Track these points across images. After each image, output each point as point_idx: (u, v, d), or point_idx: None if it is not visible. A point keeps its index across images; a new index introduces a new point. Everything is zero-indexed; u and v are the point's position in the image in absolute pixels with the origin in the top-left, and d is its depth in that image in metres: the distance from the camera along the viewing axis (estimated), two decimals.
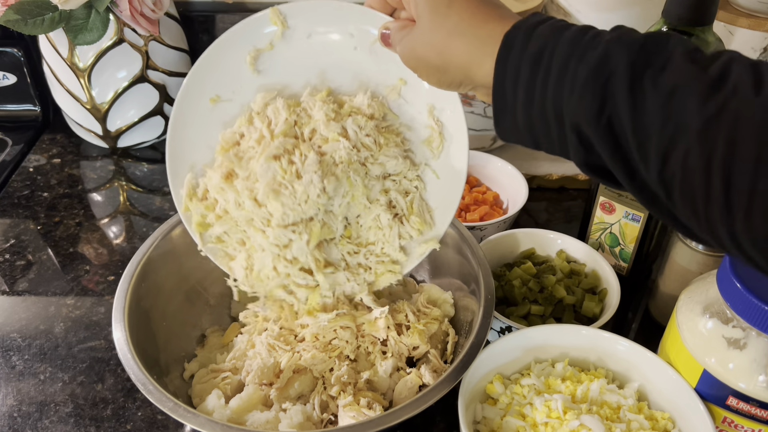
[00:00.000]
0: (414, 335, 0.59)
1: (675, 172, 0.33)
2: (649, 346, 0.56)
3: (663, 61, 0.33)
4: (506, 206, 0.80)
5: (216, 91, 0.54)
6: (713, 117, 0.31)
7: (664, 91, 0.33)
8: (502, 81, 0.39)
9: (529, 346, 0.57)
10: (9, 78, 0.99)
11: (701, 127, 0.31)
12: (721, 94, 0.31)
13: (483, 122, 0.87)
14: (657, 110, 0.33)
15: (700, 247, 0.61)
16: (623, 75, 0.34)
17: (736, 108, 0.31)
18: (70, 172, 0.92)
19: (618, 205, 0.68)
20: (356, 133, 0.52)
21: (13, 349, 0.66)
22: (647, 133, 0.33)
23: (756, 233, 0.31)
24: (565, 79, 0.36)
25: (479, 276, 0.59)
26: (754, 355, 0.47)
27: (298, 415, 0.53)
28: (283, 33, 0.53)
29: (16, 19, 0.78)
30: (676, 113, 0.32)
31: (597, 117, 0.35)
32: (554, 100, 0.37)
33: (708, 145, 0.31)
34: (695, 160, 0.32)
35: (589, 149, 0.37)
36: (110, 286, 0.73)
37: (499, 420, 0.53)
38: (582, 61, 0.35)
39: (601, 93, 0.34)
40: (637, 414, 0.53)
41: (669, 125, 0.32)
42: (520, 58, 0.38)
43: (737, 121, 0.30)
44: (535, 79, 0.37)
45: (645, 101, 0.33)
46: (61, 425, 0.58)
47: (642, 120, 0.33)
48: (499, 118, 0.41)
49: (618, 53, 0.34)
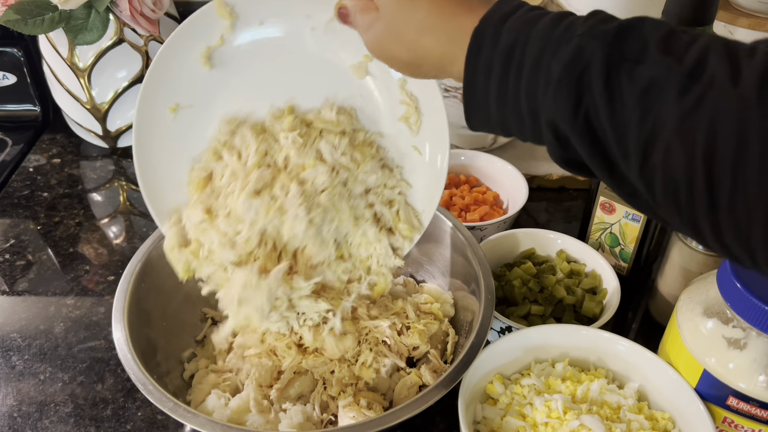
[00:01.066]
0: (414, 335, 0.59)
1: (656, 167, 0.32)
2: (649, 346, 0.56)
3: (638, 52, 0.33)
4: (506, 206, 0.80)
5: (174, 99, 0.52)
6: (691, 111, 0.31)
7: (640, 84, 0.32)
8: (473, 78, 0.38)
9: (529, 346, 0.57)
10: (9, 78, 0.99)
11: (679, 121, 0.31)
12: (698, 87, 0.31)
13: None
14: (634, 105, 0.32)
15: (700, 247, 0.61)
16: (598, 69, 0.33)
17: (714, 101, 0.30)
18: (70, 172, 0.92)
19: (618, 205, 0.68)
20: (332, 154, 0.51)
21: (13, 349, 0.66)
22: (626, 128, 0.33)
23: (739, 226, 0.31)
24: (539, 75, 0.35)
25: (479, 276, 0.59)
26: (754, 355, 0.47)
27: (298, 415, 0.53)
28: (232, 24, 0.50)
29: (16, 19, 0.78)
30: (654, 107, 0.32)
31: (573, 114, 0.34)
32: (528, 97, 0.36)
33: (688, 140, 0.31)
34: (676, 155, 0.31)
35: (565, 145, 0.36)
36: (110, 286, 0.73)
37: (499, 420, 0.53)
38: (555, 56, 0.34)
39: (577, 89, 0.34)
40: (637, 414, 0.53)
41: (647, 120, 0.32)
42: (491, 54, 0.37)
43: (716, 114, 0.30)
44: (507, 75, 0.37)
45: (622, 95, 0.32)
46: (61, 425, 0.58)
47: (620, 115, 0.33)
48: (471, 114, 0.40)
49: (591, 46, 0.33)
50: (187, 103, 0.53)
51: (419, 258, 0.69)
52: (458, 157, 0.84)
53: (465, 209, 0.77)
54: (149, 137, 0.53)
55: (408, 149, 0.55)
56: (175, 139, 0.53)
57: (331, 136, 0.52)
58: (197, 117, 0.53)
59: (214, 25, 0.50)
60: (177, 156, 0.54)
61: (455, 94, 0.84)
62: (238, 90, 0.53)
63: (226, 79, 0.53)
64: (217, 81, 0.52)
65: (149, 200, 0.54)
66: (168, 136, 0.53)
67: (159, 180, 0.54)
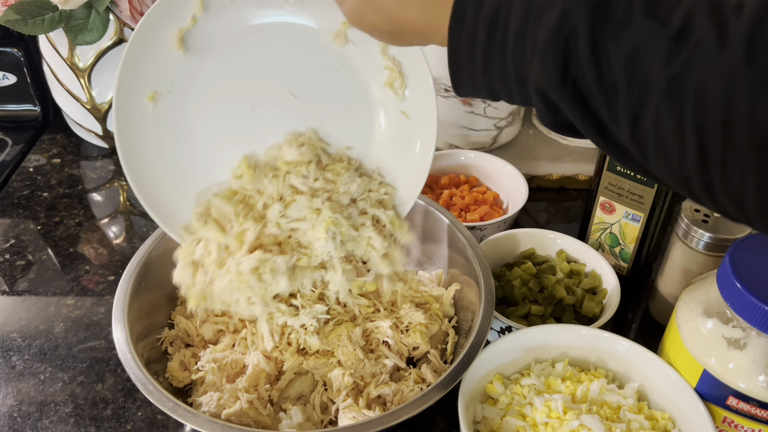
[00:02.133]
0: (415, 335, 0.59)
1: (646, 131, 0.32)
2: (649, 346, 0.56)
3: (623, 14, 0.32)
4: (506, 206, 0.80)
5: (151, 87, 0.51)
6: (678, 75, 0.30)
7: (626, 49, 0.32)
8: (457, 49, 0.38)
9: (529, 346, 0.57)
10: (9, 78, 0.99)
11: (667, 86, 0.31)
12: (685, 50, 0.30)
13: (483, 122, 0.87)
14: (622, 69, 0.32)
15: (700, 247, 0.61)
16: (584, 35, 0.33)
17: (701, 64, 0.30)
18: (70, 172, 0.92)
19: (618, 205, 0.68)
20: (305, 184, 0.53)
21: (13, 349, 0.66)
22: (614, 93, 0.33)
23: (731, 185, 0.31)
24: (525, 43, 0.35)
25: (479, 276, 0.59)
26: (754, 355, 0.47)
27: (298, 415, 0.53)
28: (203, 3, 0.49)
29: (16, 19, 0.78)
30: (641, 72, 0.31)
31: (561, 80, 0.34)
32: (515, 65, 0.36)
33: (677, 105, 0.31)
34: (666, 119, 0.31)
35: (555, 110, 0.36)
36: (110, 286, 0.73)
37: (499, 420, 0.53)
38: (540, 22, 0.34)
39: (563, 55, 0.33)
40: (637, 414, 0.53)
41: (635, 85, 0.32)
42: (474, 24, 0.36)
43: (703, 78, 0.30)
44: (492, 44, 0.36)
45: (609, 60, 0.32)
46: (61, 425, 0.58)
47: (608, 80, 0.33)
48: (457, 82, 0.40)
49: (576, 11, 0.33)
50: (165, 89, 0.52)
51: (419, 258, 0.69)
52: (458, 157, 0.84)
53: (465, 209, 0.77)
54: (131, 128, 0.52)
55: (397, 114, 0.55)
56: (159, 127, 0.53)
57: (299, 168, 0.53)
58: (178, 103, 0.53)
59: (185, 5, 0.49)
60: (163, 144, 0.53)
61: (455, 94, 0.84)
62: (217, 71, 0.52)
63: (203, 61, 0.52)
64: (194, 63, 0.51)
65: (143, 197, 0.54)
66: (150, 124, 0.52)
67: (148, 171, 0.53)
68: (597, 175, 0.68)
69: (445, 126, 0.88)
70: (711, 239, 0.60)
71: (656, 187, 0.64)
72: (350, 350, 0.56)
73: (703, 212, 0.61)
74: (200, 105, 0.53)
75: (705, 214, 0.61)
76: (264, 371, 0.55)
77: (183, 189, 0.55)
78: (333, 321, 0.58)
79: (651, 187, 0.64)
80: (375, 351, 0.59)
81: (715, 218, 0.61)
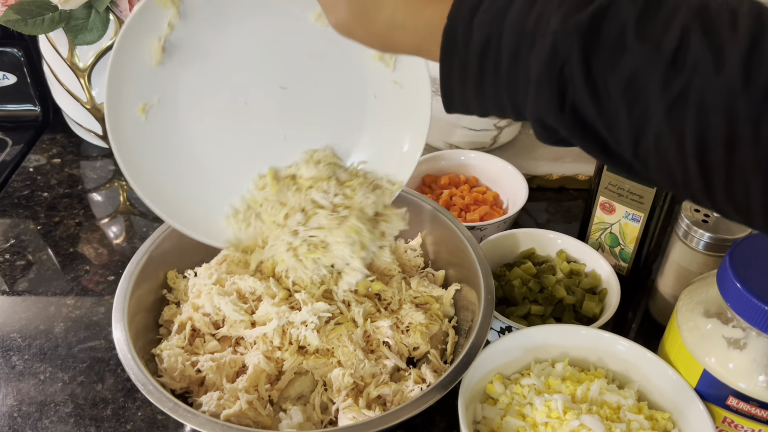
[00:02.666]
0: (415, 335, 0.59)
1: (649, 151, 0.32)
2: (649, 346, 0.56)
3: (615, 38, 0.32)
4: (506, 206, 0.80)
5: (140, 100, 0.51)
6: (677, 100, 0.30)
7: (622, 76, 0.31)
8: (449, 79, 0.37)
9: (529, 346, 0.57)
10: (9, 78, 0.99)
11: (667, 111, 0.31)
12: (682, 75, 0.30)
13: (483, 122, 0.87)
14: (620, 96, 0.32)
15: (700, 247, 0.61)
16: (578, 63, 0.32)
17: (700, 89, 0.30)
18: (70, 172, 0.92)
19: (618, 205, 0.68)
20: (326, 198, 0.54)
21: (13, 349, 0.66)
22: (614, 118, 0.32)
23: (737, 201, 0.31)
24: (518, 74, 0.34)
25: (479, 276, 0.59)
26: (754, 355, 0.47)
27: (298, 415, 0.53)
28: (179, 10, 0.48)
29: (16, 19, 0.78)
30: (640, 99, 0.31)
31: (559, 109, 0.34)
32: (509, 94, 0.35)
33: (677, 128, 0.31)
34: (667, 142, 0.31)
35: (553, 132, 0.36)
36: (110, 286, 0.73)
37: (499, 420, 0.53)
38: (531, 53, 0.33)
39: (559, 85, 0.33)
40: (637, 414, 0.52)
41: (634, 110, 0.32)
42: (464, 55, 0.36)
43: (703, 102, 0.30)
44: (483, 75, 0.36)
45: (606, 87, 0.32)
46: (61, 425, 0.58)
47: (606, 106, 0.32)
48: (449, 106, 0.39)
49: (568, 38, 0.32)
50: (154, 99, 0.52)
51: None
52: (458, 157, 0.84)
53: (465, 209, 0.77)
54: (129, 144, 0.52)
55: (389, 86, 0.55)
56: (156, 136, 0.53)
57: (319, 183, 0.54)
58: (170, 111, 0.53)
59: (160, 15, 0.48)
60: (165, 152, 0.53)
61: None
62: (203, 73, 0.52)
63: (187, 65, 0.51)
64: (178, 69, 0.51)
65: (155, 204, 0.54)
66: (147, 135, 0.52)
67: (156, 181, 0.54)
68: (597, 175, 0.68)
69: (445, 126, 0.88)
70: (711, 239, 0.60)
71: (656, 187, 0.64)
72: (350, 350, 0.56)
73: (703, 212, 0.61)
74: (193, 108, 0.53)
75: (705, 214, 0.61)
76: (264, 371, 0.55)
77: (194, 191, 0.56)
78: (333, 321, 0.58)
79: (651, 187, 0.64)
80: (375, 351, 0.59)
81: (715, 218, 0.61)
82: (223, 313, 0.58)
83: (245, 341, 0.58)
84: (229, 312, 0.57)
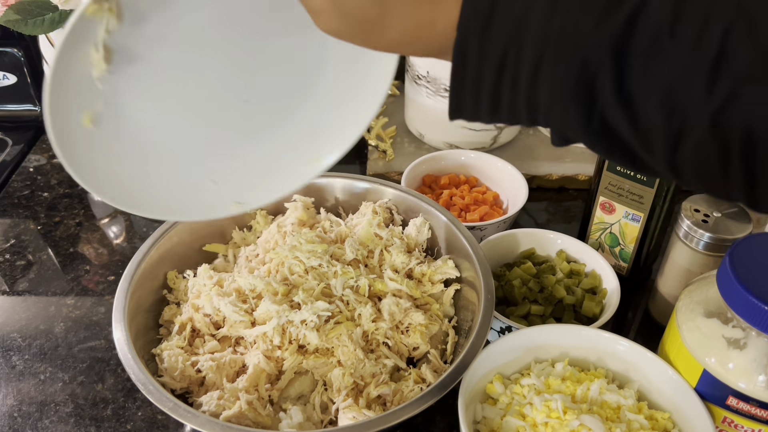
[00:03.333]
0: (415, 335, 0.59)
1: (686, 160, 0.30)
2: (649, 346, 0.56)
3: (648, 43, 0.29)
4: (506, 206, 0.80)
5: (82, 108, 0.46)
6: (723, 107, 0.28)
7: (660, 85, 0.29)
8: (460, 91, 0.34)
9: (529, 346, 0.57)
10: (9, 78, 0.99)
11: (712, 119, 0.29)
12: (726, 80, 0.28)
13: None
14: (657, 107, 0.29)
15: (700, 247, 0.61)
16: (610, 75, 0.30)
17: (747, 94, 0.28)
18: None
19: (618, 205, 0.68)
20: None
21: (13, 349, 0.66)
22: (650, 130, 0.30)
23: None
24: (540, 86, 0.32)
25: (479, 276, 0.59)
26: (754, 355, 0.47)
27: (298, 415, 0.53)
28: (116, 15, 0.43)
29: (16, 19, 0.78)
30: (680, 107, 0.29)
31: (586, 122, 0.31)
32: (529, 107, 0.33)
33: (722, 135, 0.29)
34: (709, 149, 0.29)
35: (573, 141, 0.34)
36: (110, 286, 0.73)
37: (499, 420, 0.53)
38: (558, 64, 0.30)
39: (586, 99, 0.31)
40: (637, 414, 0.53)
41: (674, 120, 0.30)
42: (478, 68, 0.33)
43: (751, 109, 0.28)
44: (500, 87, 0.33)
45: (642, 99, 0.30)
46: (61, 425, 0.58)
47: (643, 119, 0.30)
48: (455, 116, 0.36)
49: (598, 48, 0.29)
50: (98, 107, 0.47)
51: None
52: (458, 157, 0.84)
53: (465, 209, 0.77)
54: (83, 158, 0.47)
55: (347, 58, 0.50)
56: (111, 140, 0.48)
57: None
58: (121, 114, 0.48)
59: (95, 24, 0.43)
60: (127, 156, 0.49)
61: None
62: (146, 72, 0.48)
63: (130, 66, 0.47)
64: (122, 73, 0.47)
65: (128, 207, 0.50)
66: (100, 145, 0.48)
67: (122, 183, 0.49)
68: (597, 175, 0.68)
69: (445, 126, 0.88)
70: (711, 239, 0.60)
71: (656, 187, 0.64)
72: (350, 350, 0.56)
73: (703, 212, 0.61)
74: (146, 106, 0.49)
75: (705, 215, 0.61)
76: (264, 371, 0.55)
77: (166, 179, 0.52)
78: (333, 320, 0.58)
79: (651, 187, 0.64)
80: (375, 351, 0.59)
81: (715, 218, 0.61)
82: (223, 313, 0.58)
83: (245, 341, 0.58)
84: (228, 313, 0.57)
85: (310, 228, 0.67)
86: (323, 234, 0.66)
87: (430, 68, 0.84)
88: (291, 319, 0.56)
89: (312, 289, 0.59)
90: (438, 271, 0.64)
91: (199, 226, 0.67)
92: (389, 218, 0.69)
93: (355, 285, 0.60)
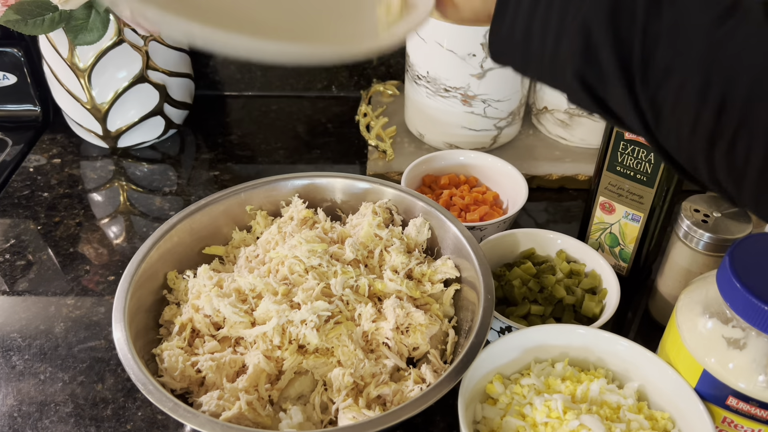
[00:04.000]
0: (415, 335, 0.59)
1: (667, 98, 0.33)
2: (649, 346, 0.56)
3: None
4: (506, 206, 0.80)
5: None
6: (718, 43, 0.31)
7: (680, 9, 0.33)
8: (500, 25, 0.40)
9: (529, 346, 0.57)
10: (9, 78, 0.99)
11: (704, 53, 0.32)
12: (731, 21, 0.31)
13: (483, 122, 0.87)
14: (669, 24, 0.33)
15: (700, 247, 0.61)
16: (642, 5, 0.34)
17: (744, 37, 0.31)
18: (70, 172, 0.92)
19: (618, 205, 0.68)
20: None
21: (13, 349, 0.66)
22: (654, 45, 0.33)
23: (734, 165, 0.31)
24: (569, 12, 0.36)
25: (479, 276, 0.59)
26: (754, 355, 0.47)
27: (298, 415, 0.53)
28: None
29: (16, 19, 0.78)
30: (685, 31, 0.32)
31: (610, 17, 0.35)
32: (561, 5, 0.37)
33: (705, 74, 0.31)
34: (690, 88, 0.32)
35: (588, 60, 0.37)
36: (110, 286, 0.73)
37: (499, 420, 0.53)
38: None
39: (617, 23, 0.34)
40: (637, 414, 0.53)
41: (676, 42, 0.33)
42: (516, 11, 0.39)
43: (741, 51, 0.30)
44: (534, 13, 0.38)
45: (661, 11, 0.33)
46: (61, 425, 0.58)
47: (653, 27, 0.34)
48: (497, 24, 0.41)
49: None
50: None
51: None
52: (458, 157, 0.84)
53: (465, 209, 0.77)
54: None
55: None
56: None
57: None
58: None
59: None
60: None
61: (455, 95, 0.84)
62: None
63: None
64: None
65: None
66: None
67: None
68: (597, 175, 0.68)
69: (445, 126, 0.88)
70: (711, 239, 0.60)
71: (656, 187, 0.64)
72: (350, 350, 0.56)
73: (702, 212, 0.61)
74: None
75: (705, 215, 0.61)
76: (264, 371, 0.55)
77: None
78: (333, 320, 0.58)
79: (651, 187, 0.64)
80: (375, 351, 0.59)
81: (714, 218, 0.61)
82: (222, 314, 0.58)
83: (245, 341, 0.58)
84: (228, 314, 0.57)
85: (310, 228, 0.67)
86: (323, 234, 0.66)
87: (430, 68, 0.84)
88: (291, 318, 0.56)
89: (312, 289, 0.59)
90: (438, 271, 0.64)
91: (199, 226, 0.67)
92: (389, 218, 0.69)
93: (355, 285, 0.60)
